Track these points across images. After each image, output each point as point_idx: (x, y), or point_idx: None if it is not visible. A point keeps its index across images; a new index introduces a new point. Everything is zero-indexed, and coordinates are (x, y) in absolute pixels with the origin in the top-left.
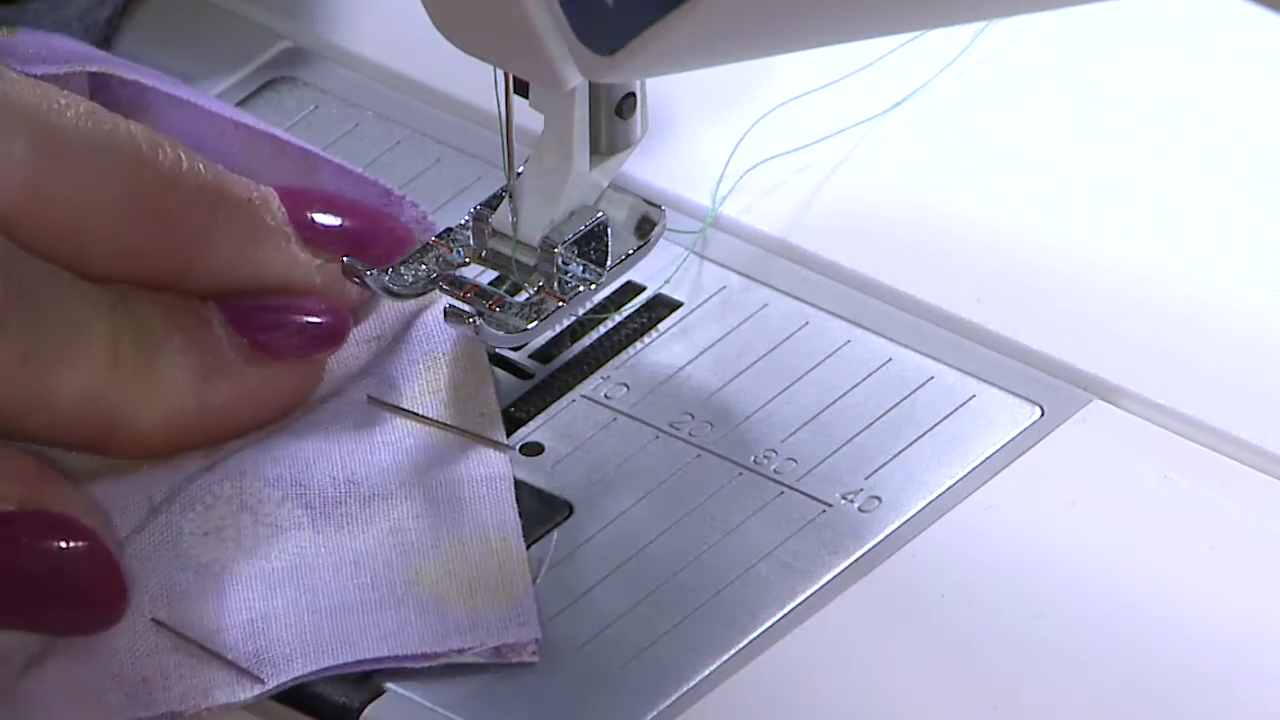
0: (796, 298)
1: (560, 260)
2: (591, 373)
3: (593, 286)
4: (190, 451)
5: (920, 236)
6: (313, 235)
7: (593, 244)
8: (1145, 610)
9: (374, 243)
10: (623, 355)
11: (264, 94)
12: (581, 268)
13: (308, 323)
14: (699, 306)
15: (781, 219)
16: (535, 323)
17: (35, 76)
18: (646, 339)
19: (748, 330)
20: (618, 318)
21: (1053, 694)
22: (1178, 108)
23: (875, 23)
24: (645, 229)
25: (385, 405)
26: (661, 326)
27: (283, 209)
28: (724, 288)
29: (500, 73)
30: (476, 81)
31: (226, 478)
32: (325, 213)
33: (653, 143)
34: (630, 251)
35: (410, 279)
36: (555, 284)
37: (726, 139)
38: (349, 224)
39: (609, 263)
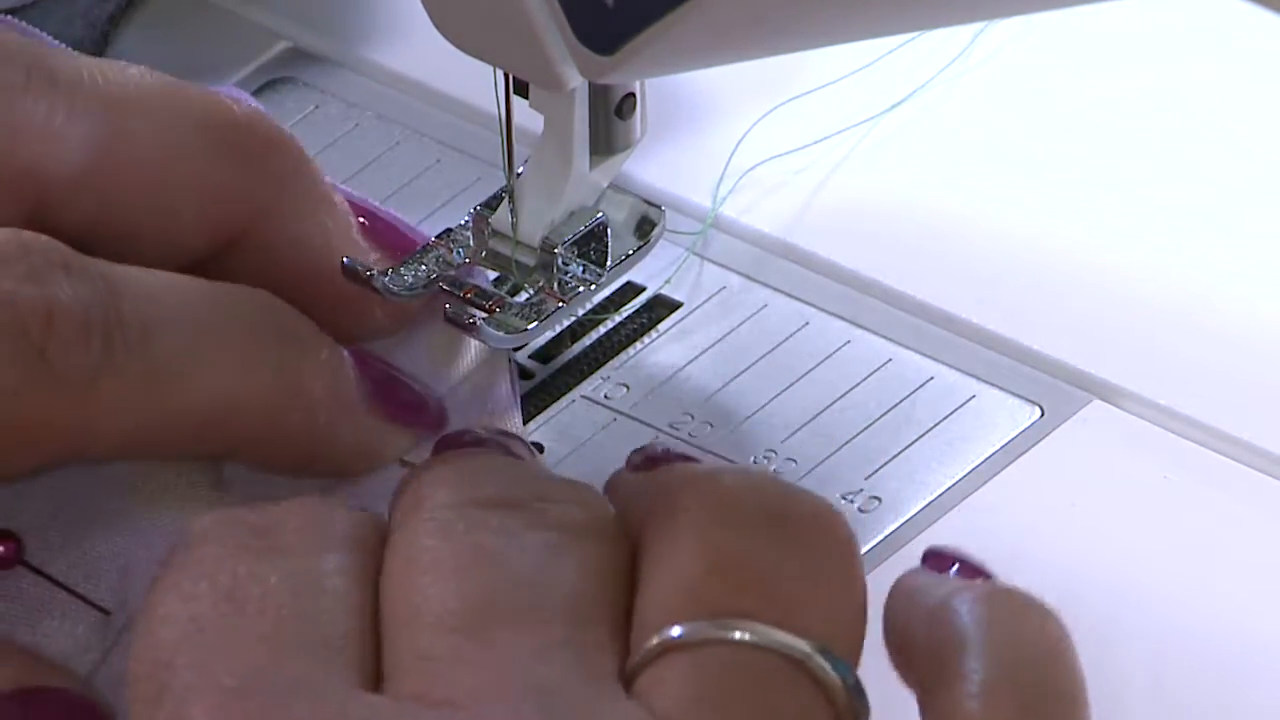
0: (796, 298)
1: (560, 260)
2: (591, 373)
3: (592, 286)
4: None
5: (920, 236)
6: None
7: (593, 244)
8: (1145, 610)
9: (390, 248)
10: (623, 355)
11: (264, 94)
12: (581, 268)
13: (412, 396)
14: (699, 307)
15: (781, 219)
16: (535, 323)
17: None
18: (646, 339)
19: (748, 330)
20: (618, 318)
21: None
22: (1178, 108)
23: (875, 23)
24: (645, 229)
25: None
26: (661, 327)
27: (345, 201)
28: (724, 288)
29: (500, 73)
30: (476, 81)
31: None
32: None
33: (653, 143)
34: (630, 252)
35: (410, 279)
36: (555, 284)
37: (726, 139)
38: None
39: (609, 263)
